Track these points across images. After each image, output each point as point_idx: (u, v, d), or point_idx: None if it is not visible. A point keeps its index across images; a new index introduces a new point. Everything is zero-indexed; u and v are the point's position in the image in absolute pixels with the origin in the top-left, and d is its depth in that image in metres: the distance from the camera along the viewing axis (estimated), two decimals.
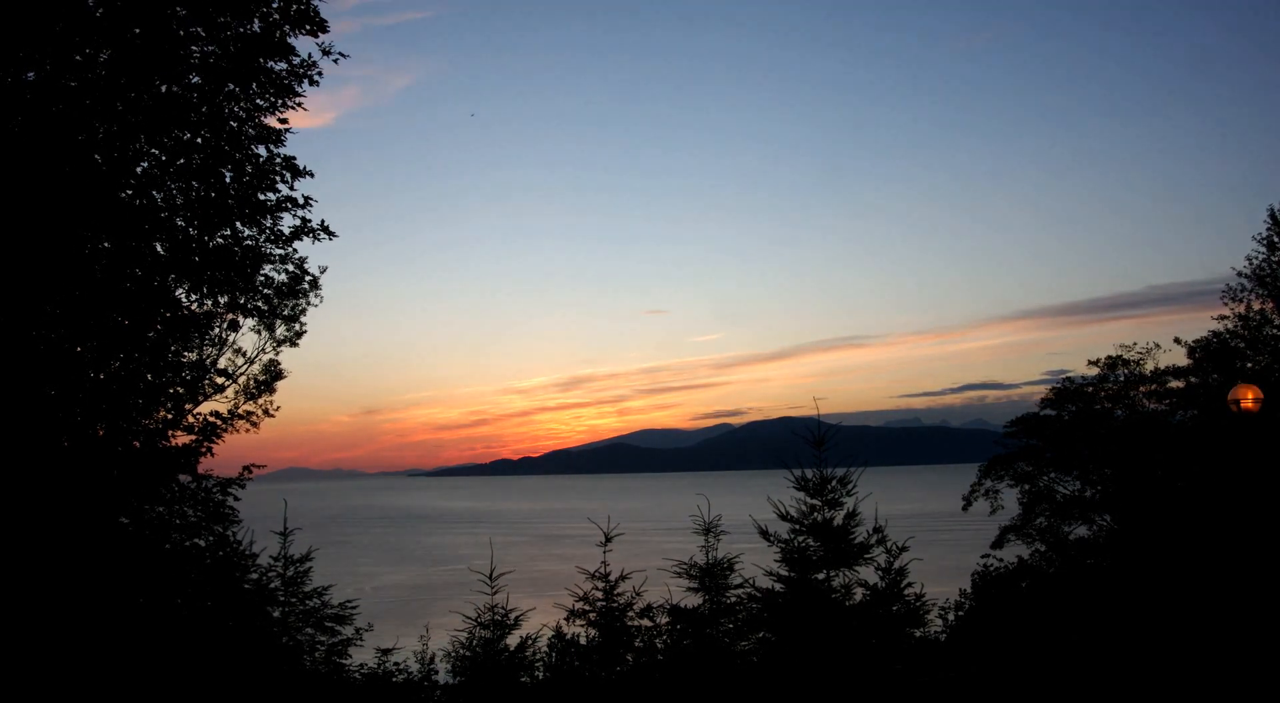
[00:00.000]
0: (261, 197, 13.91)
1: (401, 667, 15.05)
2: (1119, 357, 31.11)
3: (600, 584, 13.23)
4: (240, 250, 14.09)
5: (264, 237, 14.36)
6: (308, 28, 13.49)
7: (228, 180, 13.67)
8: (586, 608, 13.16)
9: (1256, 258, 27.22)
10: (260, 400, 16.95)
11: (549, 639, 13.14)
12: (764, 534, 11.95)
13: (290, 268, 15.90)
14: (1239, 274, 27.54)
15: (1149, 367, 30.73)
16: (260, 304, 15.71)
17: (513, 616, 13.05)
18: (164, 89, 13.02)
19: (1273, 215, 26.94)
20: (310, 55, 13.69)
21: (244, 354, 16.93)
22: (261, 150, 13.82)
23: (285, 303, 16.46)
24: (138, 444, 13.80)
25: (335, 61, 13.78)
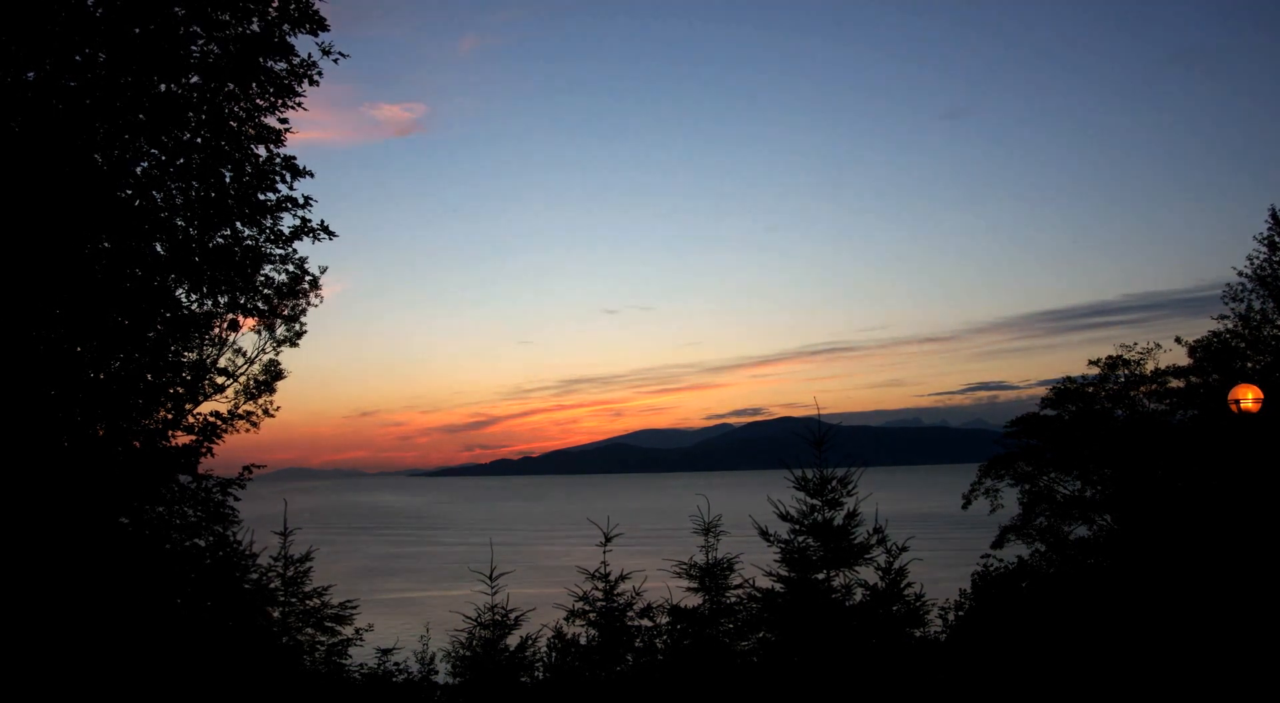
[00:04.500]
0: (261, 197, 13.91)
1: (401, 667, 15.04)
2: (1119, 357, 31.08)
3: (600, 584, 13.23)
4: (240, 250, 14.09)
5: (264, 237, 14.36)
6: (307, 27, 13.48)
7: (228, 180, 13.67)
8: (586, 608, 13.16)
9: (1257, 258, 27.21)
10: (260, 400, 16.96)
11: (549, 639, 13.13)
12: (764, 534, 11.95)
13: (290, 268, 15.91)
14: (1239, 274, 27.55)
15: (1149, 367, 30.71)
16: (260, 304, 15.69)
17: (513, 616, 13.05)
18: (164, 89, 13.01)
19: (1274, 215, 26.93)
20: (310, 55, 13.70)
21: (244, 354, 16.95)
22: (261, 150, 13.84)
23: (285, 303, 16.46)
24: (138, 444, 13.79)
25: (335, 61, 13.79)
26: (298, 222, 14.28)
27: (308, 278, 16.30)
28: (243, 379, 16.90)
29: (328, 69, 13.79)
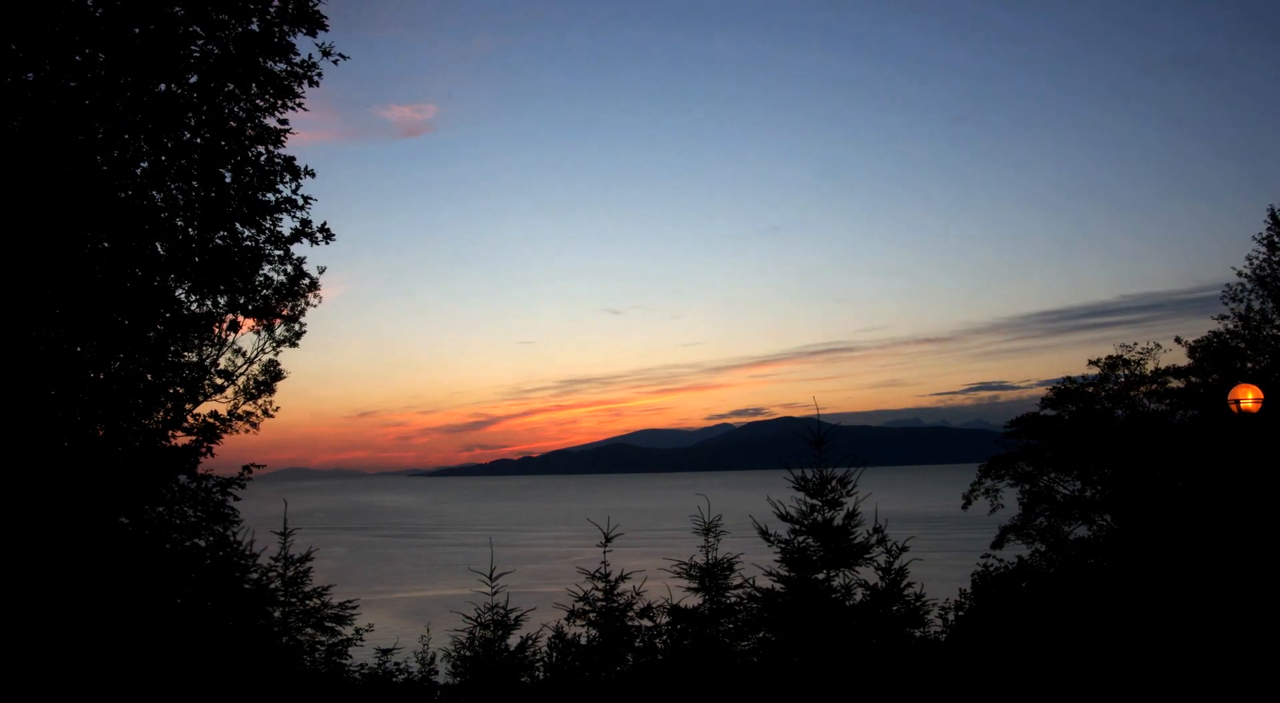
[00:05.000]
0: (261, 197, 13.91)
1: (401, 667, 15.05)
2: (1119, 357, 31.08)
3: (600, 584, 13.23)
4: (240, 251, 14.08)
5: (263, 237, 14.35)
6: (306, 26, 13.47)
7: (227, 180, 13.66)
8: (586, 608, 13.16)
9: (1257, 258, 27.20)
10: (260, 401, 16.91)
11: (549, 639, 13.13)
12: (764, 534, 11.95)
13: (289, 268, 15.86)
14: (1239, 274, 27.54)
15: (1149, 367, 30.71)
16: (260, 304, 15.67)
17: (513, 616, 13.05)
18: (163, 89, 13.01)
19: (1273, 215, 26.93)
20: (310, 56, 13.69)
21: (244, 354, 16.90)
22: (261, 150, 13.82)
23: (285, 303, 16.43)
24: (138, 444, 13.79)
25: (335, 62, 13.78)
26: (297, 223, 14.28)
27: (306, 279, 16.28)
28: (242, 380, 16.87)
29: (338, 71, 13.80)
